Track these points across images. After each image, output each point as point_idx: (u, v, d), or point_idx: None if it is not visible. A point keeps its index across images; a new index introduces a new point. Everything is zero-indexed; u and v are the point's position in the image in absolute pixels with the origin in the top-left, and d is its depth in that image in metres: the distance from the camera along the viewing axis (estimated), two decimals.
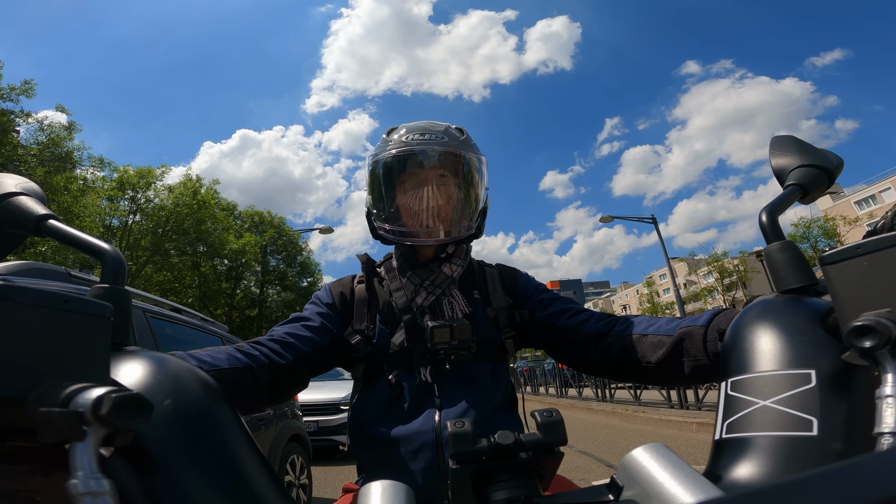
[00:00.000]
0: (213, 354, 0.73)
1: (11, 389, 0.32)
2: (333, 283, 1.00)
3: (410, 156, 0.93)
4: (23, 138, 16.26)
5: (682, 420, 6.73)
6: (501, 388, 0.91)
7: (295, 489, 4.06)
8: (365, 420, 0.88)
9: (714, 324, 0.69)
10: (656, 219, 17.31)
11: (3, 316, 0.32)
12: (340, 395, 6.61)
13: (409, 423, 0.83)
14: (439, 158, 0.93)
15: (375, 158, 0.97)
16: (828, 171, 0.60)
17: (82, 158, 18.55)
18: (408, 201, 0.93)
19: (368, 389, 0.91)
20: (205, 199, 21.96)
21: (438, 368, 0.87)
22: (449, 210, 0.94)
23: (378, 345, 0.91)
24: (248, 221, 28.00)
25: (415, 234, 0.93)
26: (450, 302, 0.94)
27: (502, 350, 0.94)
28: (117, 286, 0.51)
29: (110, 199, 20.57)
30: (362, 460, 0.90)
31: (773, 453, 0.38)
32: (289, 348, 0.84)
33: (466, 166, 0.96)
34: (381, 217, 0.97)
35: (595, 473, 4.81)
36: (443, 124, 0.99)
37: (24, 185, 0.58)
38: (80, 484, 0.29)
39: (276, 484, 0.41)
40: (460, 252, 0.98)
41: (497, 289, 0.99)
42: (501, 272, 1.03)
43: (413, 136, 0.94)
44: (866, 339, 0.35)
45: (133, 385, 0.41)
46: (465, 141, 0.98)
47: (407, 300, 0.93)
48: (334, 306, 0.95)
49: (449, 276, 0.94)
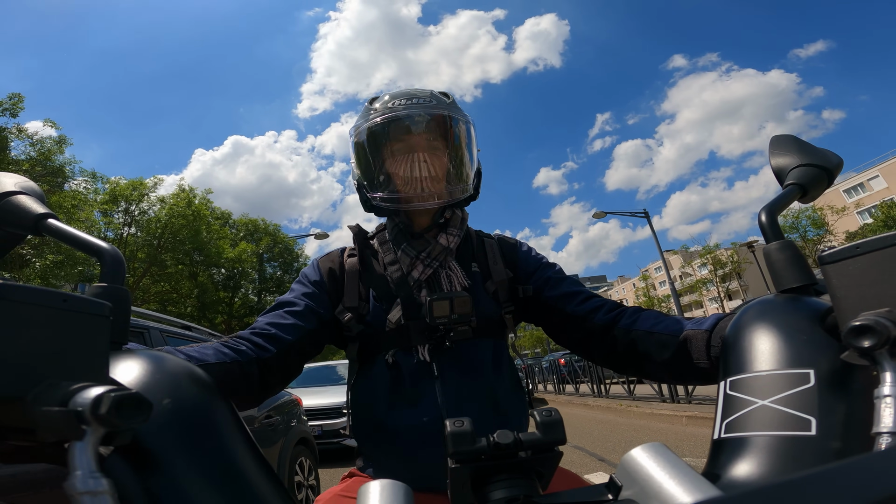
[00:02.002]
0: (200, 350, 0.72)
1: (10, 388, 0.31)
2: (321, 258, 0.96)
3: (398, 121, 0.89)
4: (14, 153, 16.25)
5: (672, 414, 6.95)
6: (504, 369, 0.89)
7: (304, 489, 4.26)
8: (365, 405, 0.86)
9: (717, 329, 0.68)
10: (648, 213, 17.49)
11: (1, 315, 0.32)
12: (343, 399, 6.78)
13: (409, 410, 0.81)
14: (428, 123, 0.90)
15: (361, 128, 0.92)
16: (827, 171, 0.60)
17: (74, 172, 18.62)
18: (400, 168, 0.89)
19: (365, 371, 0.88)
20: (198, 210, 22.03)
21: (437, 347, 0.83)
22: (443, 174, 0.91)
23: (372, 322, 0.87)
24: (243, 230, 28.02)
25: (412, 199, 0.89)
26: (447, 275, 0.90)
27: (502, 325, 0.91)
28: (116, 285, 0.51)
29: (104, 212, 20.65)
30: (365, 447, 0.87)
31: (772, 453, 0.38)
32: (272, 340, 0.80)
33: (456, 129, 0.93)
34: (374, 187, 0.92)
35: (588, 467, 4.98)
36: (427, 89, 0.96)
37: (24, 183, 0.57)
38: (80, 483, 0.29)
39: (274, 482, 0.42)
40: (456, 220, 0.94)
41: (497, 261, 0.95)
42: (502, 243, 1.00)
43: (399, 101, 0.91)
44: (865, 338, 0.35)
45: (132, 384, 0.41)
46: (452, 104, 0.95)
47: (403, 274, 0.89)
48: (322, 284, 0.90)
49: (446, 246, 0.91)
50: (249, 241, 26.69)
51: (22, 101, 16.07)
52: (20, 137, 16.24)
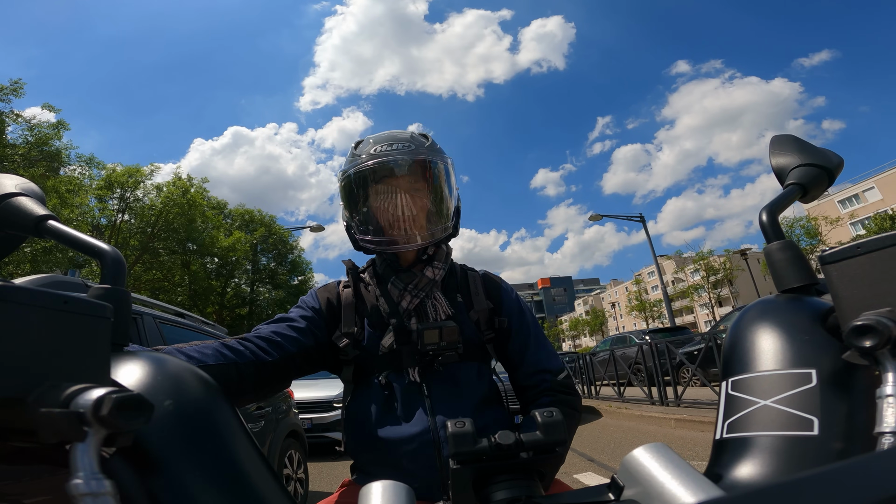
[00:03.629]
0: (200, 350, 0.75)
1: (12, 390, 0.31)
2: (319, 289, 1.02)
3: (381, 167, 0.95)
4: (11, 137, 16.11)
5: (661, 416, 7.00)
6: (486, 384, 0.96)
7: (293, 483, 4.25)
8: (360, 422, 0.91)
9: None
10: (644, 217, 17.61)
11: (3, 317, 0.32)
12: (333, 392, 6.76)
13: (403, 424, 0.87)
14: (409, 167, 0.96)
15: (347, 173, 0.98)
16: (828, 171, 0.60)
17: (70, 157, 18.48)
18: (384, 211, 0.95)
19: (360, 391, 0.94)
20: (194, 198, 21.93)
21: (426, 369, 0.90)
22: (424, 215, 0.96)
23: (367, 347, 0.93)
24: (238, 220, 27.88)
25: (396, 242, 0.95)
26: (433, 304, 0.97)
27: (485, 351, 0.99)
28: (117, 286, 0.51)
29: (99, 198, 20.51)
30: (360, 461, 0.92)
31: (774, 453, 0.38)
32: (275, 346, 0.86)
33: (435, 171, 0.99)
34: (361, 229, 0.99)
35: (577, 467, 5.00)
36: (407, 132, 1.02)
37: (24, 185, 0.58)
38: (82, 484, 0.29)
39: (276, 483, 0.42)
40: (440, 255, 1.01)
41: (479, 292, 1.02)
42: (486, 278, 1.07)
43: (381, 146, 0.96)
44: (866, 338, 0.35)
45: (133, 385, 0.41)
46: (432, 146, 1.01)
47: (393, 304, 0.95)
48: (320, 311, 0.96)
49: (431, 279, 0.98)
50: (244, 232, 26.55)
51: (22, 86, 15.95)
52: (17, 122, 16.07)
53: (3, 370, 0.31)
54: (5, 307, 0.32)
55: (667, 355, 8.05)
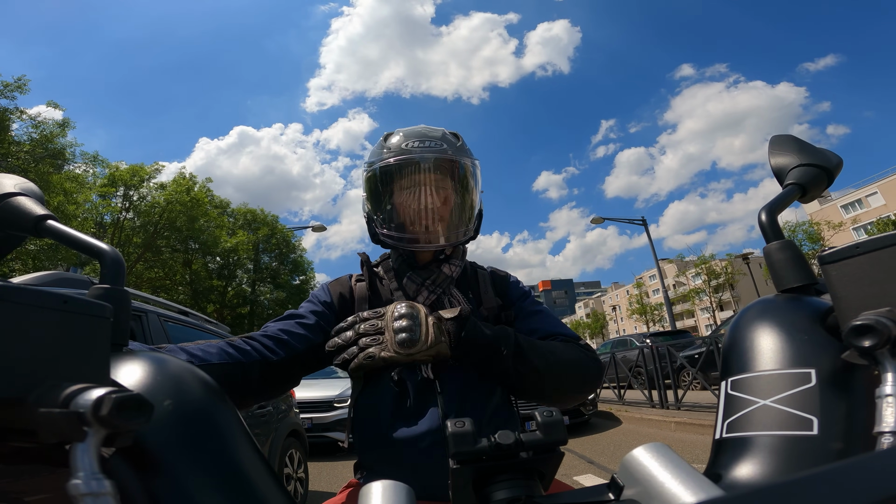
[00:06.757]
0: (204, 349, 0.73)
1: (11, 390, 0.31)
2: (332, 283, 1.01)
3: (411, 163, 0.94)
4: (16, 135, 16.23)
5: (661, 419, 6.99)
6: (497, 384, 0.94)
7: (293, 482, 4.25)
8: (370, 419, 0.89)
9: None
10: (646, 221, 17.57)
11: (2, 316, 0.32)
12: (334, 392, 6.76)
13: (416, 421, 0.85)
14: (439, 165, 0.95)
15: (375, 165, 0.97)
16: (827, 171, 0.60)
17: (75, 155, 18.62)
18: (409, 207, 0.94)
19: (371, 388, 0.91)
20: (197, 197, 21.98)
21: (440, 365, 0.88)
22: (448, 216, 0.96)
23: None
24: (241, 219, 27.89)
25: (417, 241, 0.94)
26: (450, 301, 0.96)
27: None
28: (117, 286, 0.51)
29: (102, 196, 20.57)
30: (368, 459, 0.89)
31: (774, 453, 0.38)
32: (282, 345, 0.84)
33: (463, 172, 0.98)
34: (382, 223, 0.98)
35: (577, 469, 5.01)
36: (439, 130, 1.01)
37: (23, 185, 0.57)
38: (82, 484, 0.29)
39: (276, 484, 0.41)
40: (458, 253, 1.01)
41: (488, 289, 1.02)
42: (493, 275, 1.06)
43: (412, 142, 0.95)
44: (866, 338, 0.35)
45: (133, 385, 0.41)
46: (461, 147, 1.00)
47: (409, 299, 0.94)
48: (332, 306, 0.95)
49: (449, 275, 0.97)
50: (247, 231, 26.57)
51: (26, 83, 16.04)
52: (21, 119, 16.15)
53: (3, 370, 0.31)
54: (4, 307, 0.32)
55: (667, 358, 8.04)
